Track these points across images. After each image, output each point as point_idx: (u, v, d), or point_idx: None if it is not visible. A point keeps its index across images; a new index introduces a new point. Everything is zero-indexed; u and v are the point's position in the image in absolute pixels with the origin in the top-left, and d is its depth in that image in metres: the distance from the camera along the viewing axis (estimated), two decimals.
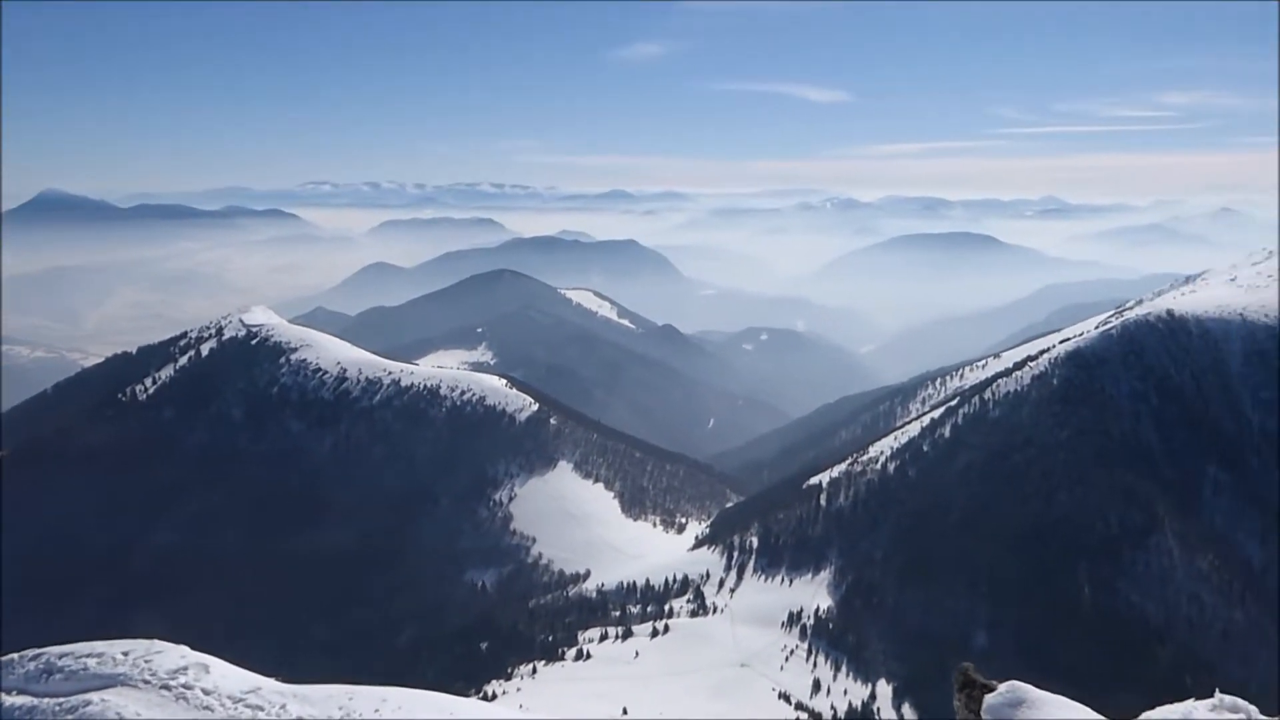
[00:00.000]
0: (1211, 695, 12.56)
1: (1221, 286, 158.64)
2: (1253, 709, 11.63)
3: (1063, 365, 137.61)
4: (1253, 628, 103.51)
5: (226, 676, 20.40)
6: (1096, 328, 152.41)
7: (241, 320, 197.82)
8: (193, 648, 21.20)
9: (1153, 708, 12.09)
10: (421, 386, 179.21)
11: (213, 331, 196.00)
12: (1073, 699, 11.30)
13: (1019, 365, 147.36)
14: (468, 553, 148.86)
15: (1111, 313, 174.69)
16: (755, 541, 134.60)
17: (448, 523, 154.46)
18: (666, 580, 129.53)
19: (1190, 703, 11.90)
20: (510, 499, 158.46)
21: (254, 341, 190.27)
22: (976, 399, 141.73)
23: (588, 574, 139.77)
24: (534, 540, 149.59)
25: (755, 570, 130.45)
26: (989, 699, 11.53)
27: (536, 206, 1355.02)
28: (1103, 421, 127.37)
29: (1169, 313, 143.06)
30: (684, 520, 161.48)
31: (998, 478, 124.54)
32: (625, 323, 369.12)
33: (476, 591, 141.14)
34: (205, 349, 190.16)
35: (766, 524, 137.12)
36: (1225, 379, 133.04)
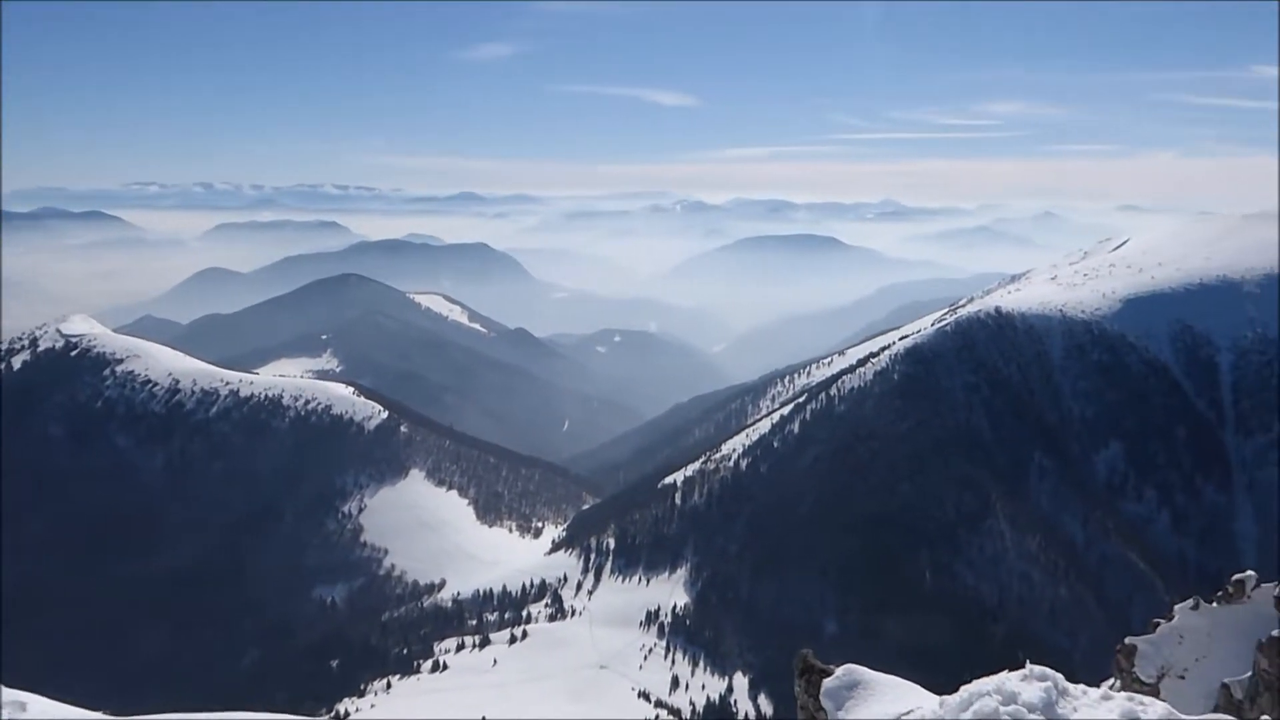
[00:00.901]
0: (1008, 665, 12.85)
1: (1043, 285, 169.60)
2: (1059, 677, 11.89)
3: (902, 361, 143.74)
4: (1076, 603, 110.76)
5: (46, 713, 18.37)
6: (932, 325, 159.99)
7: (59, 330, 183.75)
8: (10, 684, 19.14)
9: None
10: (263, 397, 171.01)
11: (25, 343, 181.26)
12: (914, 678, 11.59)
13: (862, 362, 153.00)
14: (315, 568, 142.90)
15: (946, 310, 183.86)
16: (612, 543, 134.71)
17: (293, 538, 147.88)
18: (524, 585, 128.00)
19: (1004, 674, 12.12)
20: (360, 510, 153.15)
21: (74, 353, 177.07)
22: (823, 395, 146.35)
23: (443, 583, 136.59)
24: (386, 552, 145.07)
25: (613, 571, 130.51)
26: (826, 683, 11.80)
27: (383, 209, 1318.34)
28: (939, 413, 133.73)
29: (997, 310, 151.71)
30: (540, 524, 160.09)
31: (844, 470, 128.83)
32: (477, 327, 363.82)
33: (325, 608, 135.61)
34: (17, 362, 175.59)
35: (623, 525, 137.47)
36: (1048, 371, 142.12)
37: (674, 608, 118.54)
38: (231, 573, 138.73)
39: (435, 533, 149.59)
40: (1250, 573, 25.25)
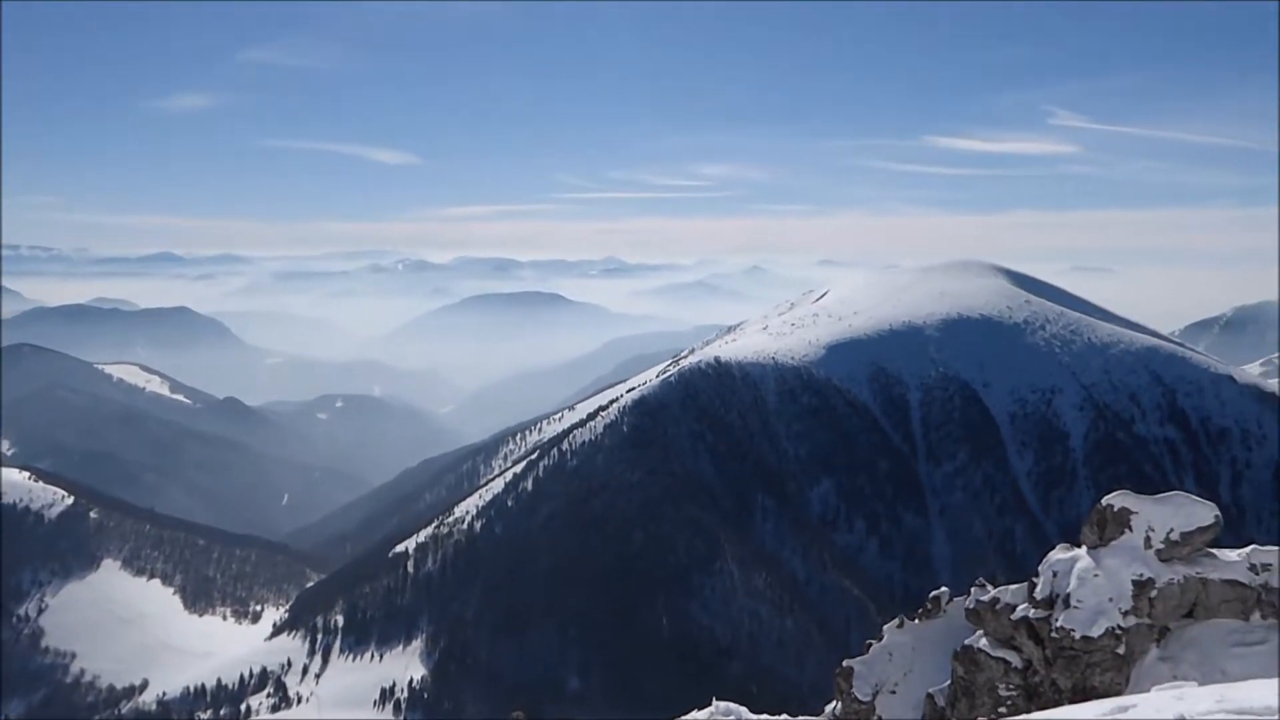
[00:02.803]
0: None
1: (757, 335, 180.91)
2: (743, 710, 11.85)
3: (630, 413, 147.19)
4: (801, 633, 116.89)
5: None
6: (657, 376, 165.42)
7: None
8: None
9: None
10: None
11: None
12: None
13: (592, 416, 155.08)
14: None
15: (669, 362, 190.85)
16: (340, 620, 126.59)
17: None
18: (242, 676, 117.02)
19: (694, 713, 11.82)
20: (40, 611, 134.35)
21: None
22: (555, 451, 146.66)
23: (145, 684, 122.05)
24: (73, 655, 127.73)
25: (342, 650, 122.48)
26: None
27: (63, 271, 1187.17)
28: (668, 462, 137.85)
29: (716, 360, 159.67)
30: (259, 608, 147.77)
31: (580, 524, 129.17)
32: (179, 397, 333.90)
33: None
34: None
35: (352, 599, 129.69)
36: (765, 415, 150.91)
37: (410, 682, 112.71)
38: None
39: (134, 628, 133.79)
40: (944, 589, 26.92)
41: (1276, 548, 21.31)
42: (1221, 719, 9.19)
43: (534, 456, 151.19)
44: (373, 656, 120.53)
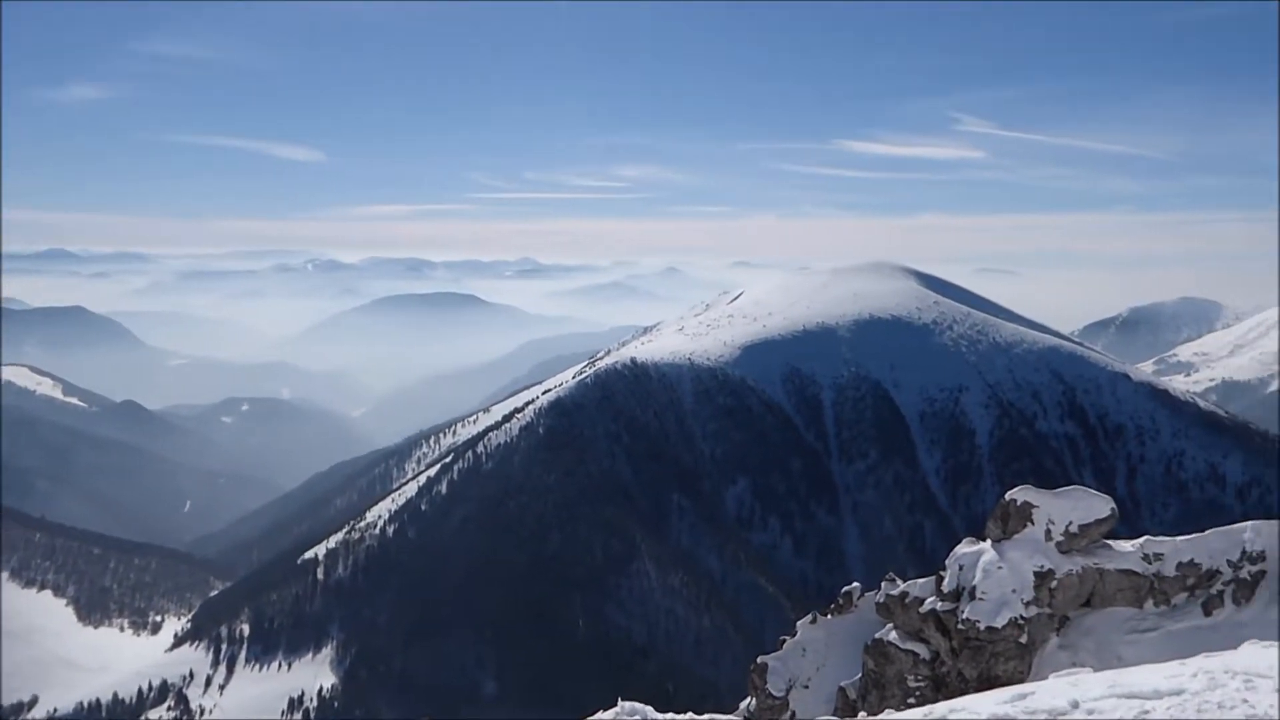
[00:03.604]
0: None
1: (673, 336, 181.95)
2: (649, 710, 11.89)
3: (546, 414, 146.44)
4: (718, 631, 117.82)
5: None
6: (573, 378, 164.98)
7: None
8: None
9: None
10: None
11: None
12: None
13: (507, 417, 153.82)
14: None
15: (585, 363, 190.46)
16: (246, 629, 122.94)
17: None
18: (140, 690, 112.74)
19: (599, 714, 11.81)
20: None
21: None
22: (470, 453, 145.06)
23: (34, 701, 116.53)
24: None
25: (249, 660, 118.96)
26: None
27: None
28: (584, 462, 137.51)
29: (633, 361, 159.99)
30: (160, 618, 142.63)
31: (496, 527, 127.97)
32: (74, 401, 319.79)
33: None
34: None
35: (259, 608, 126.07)
36: (681, 416, 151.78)
37: (320, 690, 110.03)
38: None
39: (22, 642, 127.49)
40: (856, 584, 27.32)
41: (1168, 539, 22.15)
42: (1112, 704, 9.50)
43: (449, 459, 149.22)
44: (280, 666, 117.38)
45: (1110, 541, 21.68)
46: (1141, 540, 21.77)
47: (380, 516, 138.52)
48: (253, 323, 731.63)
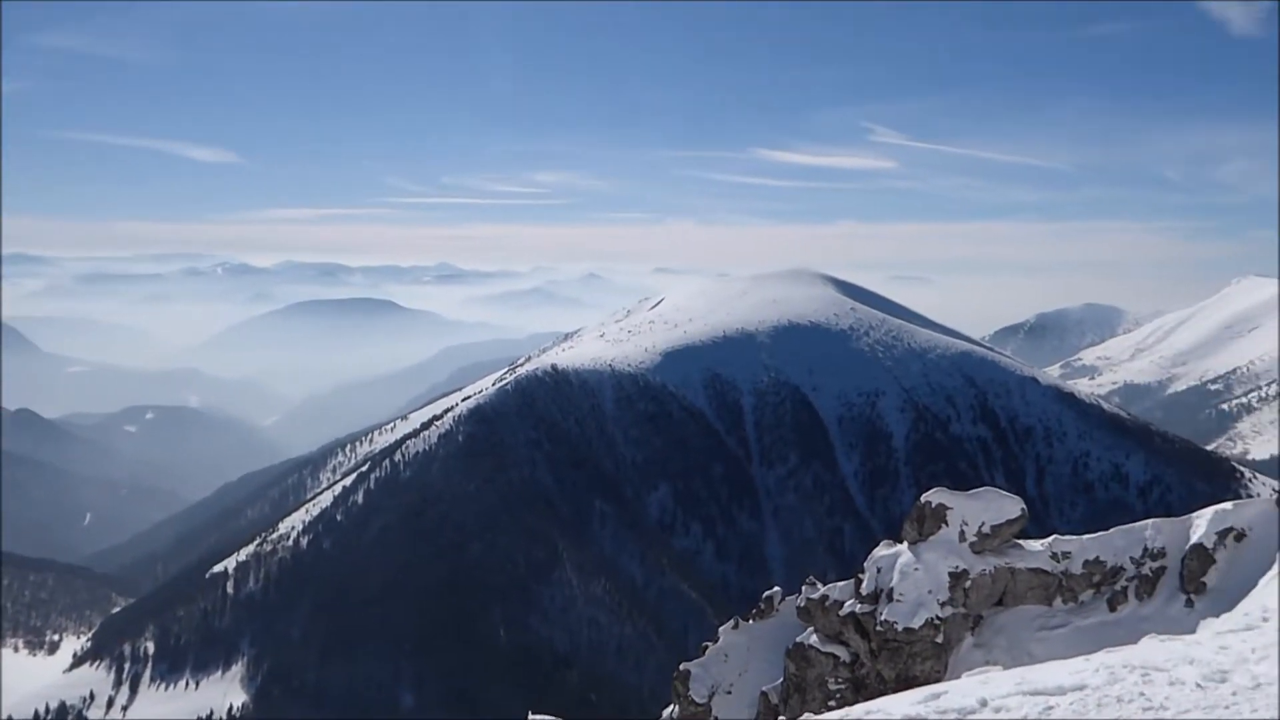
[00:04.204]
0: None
1: (594, 342, 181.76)
2: None
3: (466, 421, 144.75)
4: (640, 638, 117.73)
5: None
6: (494, 385, 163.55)
7: None
8: None
9: None
10: None
11: None
12: None
13: (426, 425, 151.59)
14: None
15: (506, 370, 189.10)
16: (151, 647, 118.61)
17: None
18: (36, 713, 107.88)
19: None
20: None
21: None
22: (387, 462, 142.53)
23: None
24: None
25: (154, 679, 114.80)
26: None
27: None
28: (505, 470, 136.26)
29: (554, 367, 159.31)
30: (57, 637, 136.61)
31: (414, 536, 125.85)
32: None
33: None
34: None
35: (164, 624, 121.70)
36: (602, 422, 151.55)
37: (230, 709, 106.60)
38: None
39: None
40: (777, 589, 27.57)
41: (1075, 537, 22.77)
42: (1018, 701, 9.78)
43: (365, 468, 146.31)
44: (188, 684, 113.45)
45: (1021, 541, 22.19)
46: (1050, 539, 22.35)
47: (294, 528, 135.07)
48: (159, 328, 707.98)
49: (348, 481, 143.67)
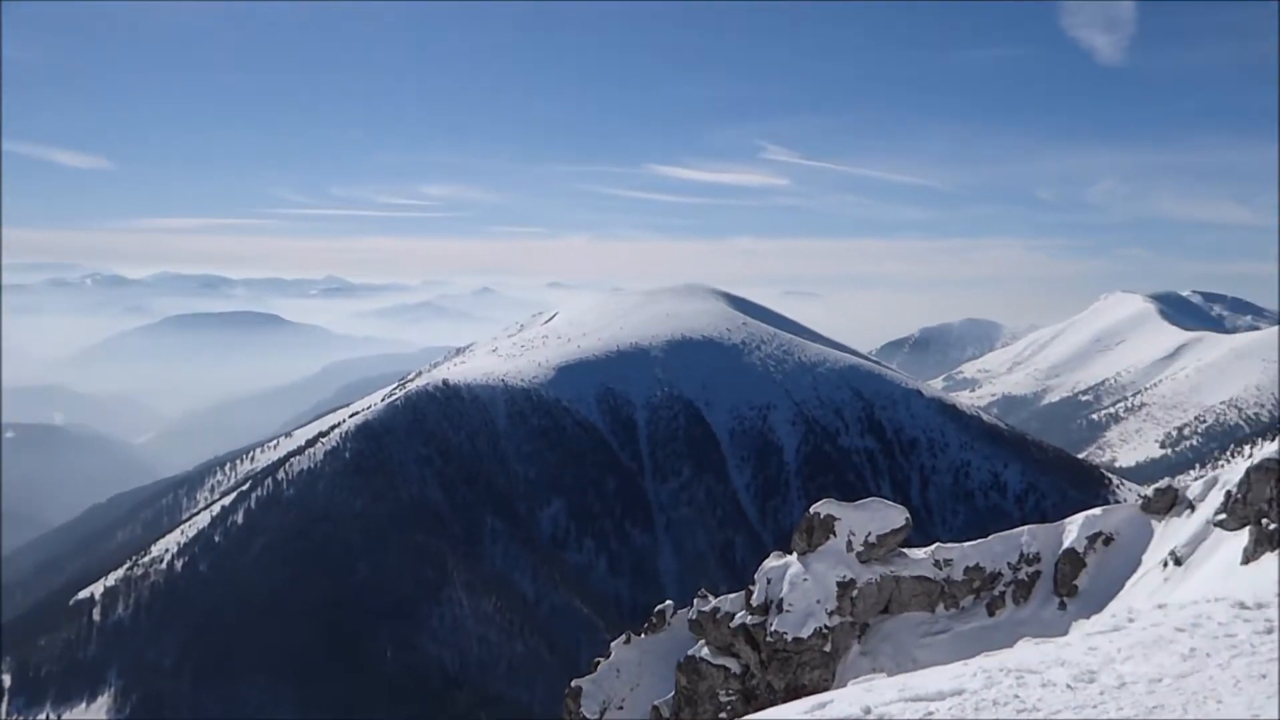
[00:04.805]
0: None
1: (486, 357, 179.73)
2: None
3: (353, 438, 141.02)
4: (532, 655, 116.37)
5: None
6: (383, 400, 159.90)
7: None
8: None
9: None
10: None
11: None
12: None
13: (311, 442, 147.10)
14: None
15: (395, 385, 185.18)
16: (8, 680, 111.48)
17: None
18: None
19: None
20: None
21: None
22: (269, 480, 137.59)
23: None
24: None
25: (10, 714, 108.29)
26: None
27: None
28: (394, 487, 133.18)
29: (445, 382, 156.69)
30: None
31: (298, 557, 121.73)
32: None
33: None
34: None
35: (23, 655, 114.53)
36: (494, 438, 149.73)
37: None
38: None
39: None
40: (669, 603, 27.58)
41: (956, 545, 23.38)
42: (900, 708, 9.96)
43: (246, 487, 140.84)
44: (48, 718, 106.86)
45: (905, 549, 22.66)
46: (933, 547, 22.91)
47: (168, 550, 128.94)
48: (21, 341, 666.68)
49: (227, 501, 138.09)
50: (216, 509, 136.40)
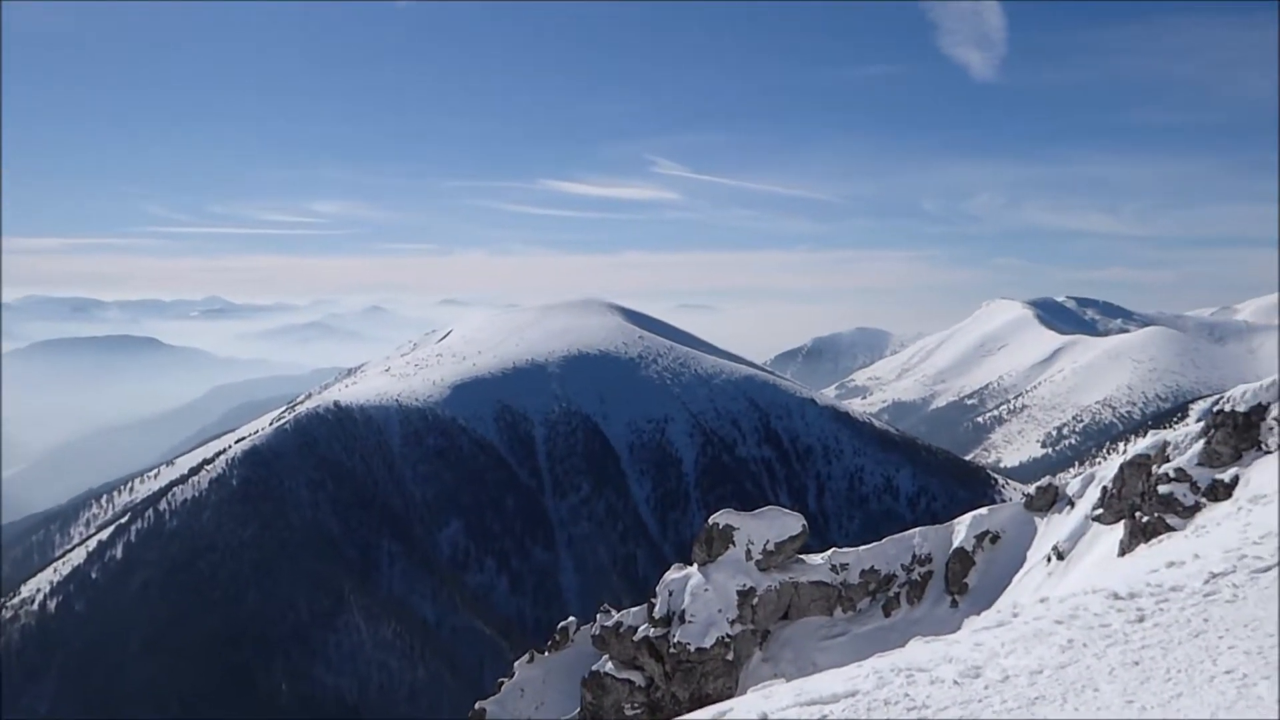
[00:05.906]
0: None
1: (379, 377, 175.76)
2: None
3: (241, 464, 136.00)
4: (434, 680, 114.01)
5: None
6: (271, 424, 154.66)
7: None
8: None
9: None
10: None
11: None
12: None
13: (195, 470, 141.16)
14: None
15: (284, 408, 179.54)
16: None
17: None
18: None
19: None
20: None
21: None
22: (150, 512, 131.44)
23: None
24: None
25: None
26: None
27: None
28: (285, 514, 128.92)
29: (336, 404, 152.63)
30: None
31: (182, 590, 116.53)
32: None
33: None
34: None
35: None
36: (389, 459, 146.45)
37: None
38: None
39: None
40: (572, 619, 27.51)
41: (851, 549, 24.00)
42: (797, 712, 10.15)
43: (125, 519, 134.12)
44: None
45: (803, 556, 23.15)
46: (829, 552, 23.48)
47: (39, 590, 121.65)
48: None
49: (104, 535, 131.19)
50: (93, 544, 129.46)
